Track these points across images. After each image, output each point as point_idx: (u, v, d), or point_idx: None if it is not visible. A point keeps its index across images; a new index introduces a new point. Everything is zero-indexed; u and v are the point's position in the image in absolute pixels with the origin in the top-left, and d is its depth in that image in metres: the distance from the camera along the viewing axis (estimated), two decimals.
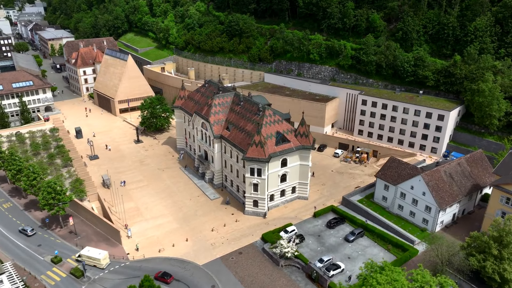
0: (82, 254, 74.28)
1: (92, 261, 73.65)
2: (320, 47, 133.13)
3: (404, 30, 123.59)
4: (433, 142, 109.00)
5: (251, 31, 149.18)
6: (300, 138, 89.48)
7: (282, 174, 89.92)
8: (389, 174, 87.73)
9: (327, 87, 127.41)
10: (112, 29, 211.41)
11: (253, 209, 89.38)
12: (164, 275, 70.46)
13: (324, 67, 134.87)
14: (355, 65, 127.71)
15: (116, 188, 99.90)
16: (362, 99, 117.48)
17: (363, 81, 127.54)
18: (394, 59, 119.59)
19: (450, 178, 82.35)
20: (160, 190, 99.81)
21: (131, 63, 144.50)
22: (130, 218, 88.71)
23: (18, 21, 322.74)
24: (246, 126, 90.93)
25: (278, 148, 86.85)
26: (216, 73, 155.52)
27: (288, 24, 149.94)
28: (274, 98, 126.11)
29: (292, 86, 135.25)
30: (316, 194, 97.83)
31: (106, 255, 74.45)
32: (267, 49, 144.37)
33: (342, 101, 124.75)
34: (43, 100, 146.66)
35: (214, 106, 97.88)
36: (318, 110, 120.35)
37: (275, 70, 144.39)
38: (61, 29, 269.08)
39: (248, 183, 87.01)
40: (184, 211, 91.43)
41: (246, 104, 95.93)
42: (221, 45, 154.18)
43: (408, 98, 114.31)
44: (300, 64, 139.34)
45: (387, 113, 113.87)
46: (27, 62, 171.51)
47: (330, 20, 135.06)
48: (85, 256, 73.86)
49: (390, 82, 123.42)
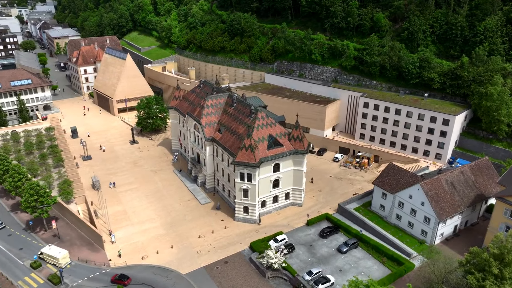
0: (43, 251, 72.92)
1: (52, 259, 72.06)
2: (322, 47, 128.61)
3: (410, 30, 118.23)
4: (437, 148, 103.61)
5: (252, 30, 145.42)
6: (294, 142, 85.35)
7: (275, 179, 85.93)
8: (387, 182, 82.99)
9: (328, 88, 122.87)
10: (117, 27, 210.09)
11: (244, 215, 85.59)
12: (121, 277, 68.75)
13: (326, 68, 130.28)
14: (358, 66, 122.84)
15: (105, 190, 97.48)
16: (364, 102, 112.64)
17: (366, 83, 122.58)
18: (398, 60, 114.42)
19: (452, 188, 77.24)
20: (150, 193, 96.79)
21: (129, 62, 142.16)
22: (116, 222, 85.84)
23: (28, 20, 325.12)
24: (238, 129, 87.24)
25: (270, 152, 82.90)
26: (217, 73, 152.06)
27: (291, 24, 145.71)
28: (273, 100, 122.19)
29: (293, 87, 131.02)
30: (311, 200, 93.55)
31: (66, 254, 72.87)
32: (269, 49, 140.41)
33: (343, 104, 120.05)
34: (42, 99, 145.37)
35: (206, 108, 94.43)
36: (318, 113, 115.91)
37: (276, 71, 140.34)
38: (69, 27, 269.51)
39: (238, 189, 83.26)
40: (173, 216, 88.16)
41: (239, 105, 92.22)
42: (222, 44, 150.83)
43: (412, 101, 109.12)
44: (302, 65, 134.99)
45: (389, 116, 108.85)
46: (29, 60, 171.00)
47: (333, 19, 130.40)
48: (45, 254, 72.61)
49: (394, 84, 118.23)
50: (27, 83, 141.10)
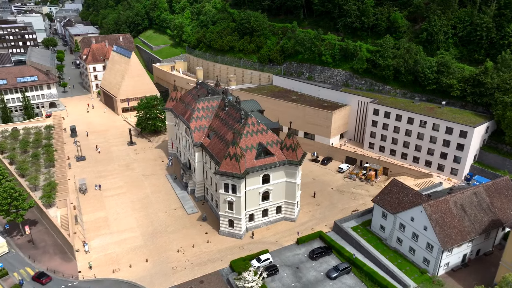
0: None
1: None
2: (333, 49, 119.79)
3: (429, 31, 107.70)
4: (453, 162, 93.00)
5: (262, 29, 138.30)
6: (287, 151, 77.71)
7: (264, 191, 78.60)
8: (388, 200, 73.97)
9: (337, 93, 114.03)
10: (133, 25, 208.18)
11: (228, 229, 78.77)
12: (40, 276, 67.53)
13: (337, 71, 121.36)
14: (370, 70, 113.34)
15: (91, 194, 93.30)
16: (373, 108, 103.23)
17: (379, 88, 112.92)
18: (414, 64, 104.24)
19: (462, 211, 67.40)
20: (137, 200, 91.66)
21: (134, 61, 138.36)
22: (95, 230, 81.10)
23: (55, 17, 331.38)
24: (227, 135, 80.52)
25: (258, 162, 75.65)
26: (225, 74, 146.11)
27: (304, 23, 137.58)
28: (277, 104, 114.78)
29: (301, 91, 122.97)
30: (306, 215, 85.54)
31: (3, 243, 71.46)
32: (278, 49, 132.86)
33: (353, 110, 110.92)
34: (48, 96, 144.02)
35: (197, 111, 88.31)
36: (324, 119, 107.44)
37: (285, 73, 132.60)
38: (91, 25, 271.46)
39: (223, 200, 76.56)
40: (155, 226, 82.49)
41: (230, 110, 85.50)
42: (231, 44, 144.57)
43: (427, 109, 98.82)
44: (312, 67, 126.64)
45: (401, 125, 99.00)
46: (41, 57, 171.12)
47: (347, 19, 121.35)
48: None
49: (410, 90, 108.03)
50: (33, 80, 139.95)
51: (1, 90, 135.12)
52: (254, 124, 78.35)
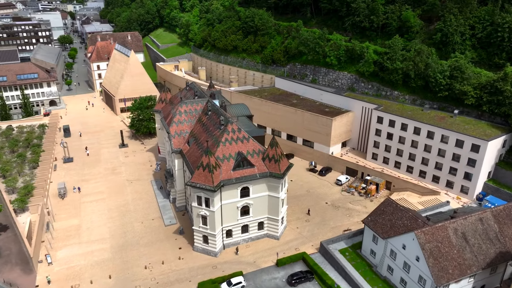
0: None
1: None
2: (339, 50, 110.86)
3: (444, 31, 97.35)
4: (463, 179, 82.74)
5: (267, 28, 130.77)
6: (269, 163, 70.11)
7: (243, 206, 71.32)
8: (380, 222, 65.20)
9: (341, 97, 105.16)
10: (143, 24, 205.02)
11: (203, 245, 71.94)
12: None
13: (342, 74, 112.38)
14: (378, 73, 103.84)
15: (70, 199, 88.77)
16: (377, 116, 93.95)
17: (386, 93, 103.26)
18: (425, 68, 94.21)
19: (463, 240, 57.94)
20: (115, 207, 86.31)
21: (133, 60, 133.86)
22: (65, 239, 76.15)
23: (76, 15, 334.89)
24: (205, 142, 73.65)
25: (236, 174, 68.44)
26: (228, 74, 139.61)
27: (311, 22, 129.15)
28: (276, 108, 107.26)
29: (303, 94, 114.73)
30: (292, 233, 77.61)
31: None
32: (281, 49, 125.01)
33: (357, 116, 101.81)
34: (48, 94, 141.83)
35: (178, 114, 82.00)
36: (323, 126, 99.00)
37: (288, 74, 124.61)
38: (108, 23, 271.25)
39: (196, 214, 69.84)
40: (128, 237, 76.70)
41: (213, 114, 78.64)
42: (235, 43, 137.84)
43: (438, 118, 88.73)
44: (316, 69, 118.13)
45: (406, 135, 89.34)
46: (48, 54, 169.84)
47: (355, 18, 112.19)
48: None
49: (420, 96, 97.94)
50: (33, 77, 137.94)
51: (1, 87, 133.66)
52: (234, 131, 71.17)
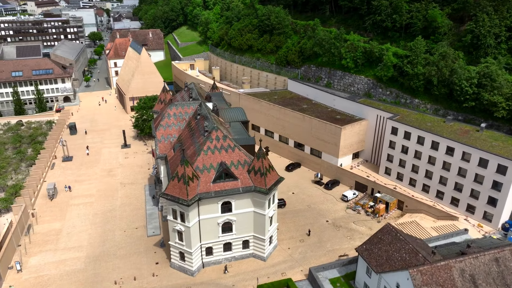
0: None
1: None
2: (356, 51, 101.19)
3: (475, 32, 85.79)
4: (487, 204, 71.37)
5: (283, 27, 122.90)
6: (254, 176, 62.71)
7: (225, 222, 64.37)
8: (375, 252, 56.11)
9: (354, 104, 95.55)
10: (168, 21, 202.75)
11: (180, 263, 65.67)
12: None
13: (359, 78, 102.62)
14: (397, 78, 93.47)
15: (58, 200, 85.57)
16: (391, 126, 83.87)
17: (406, 101, 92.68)
18: (450, 74, 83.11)
19: (471, 285, 47.92)
20: (101, 212, 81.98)
21: (144, 57, 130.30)
22: (42, 244, 72.47)
23: (111, 12, 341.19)
24: (189, 149, 67.44)
25: (216, 187, 61.60)
26: (241, 75, 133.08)
27: (330, 21, 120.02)
28: (283, 113, 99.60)
29: (315, 99, 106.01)
30: (282, 254, 69.70)
31: None
32: (296, 50, 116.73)
33: (371, 125, 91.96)
34: (62, 90, 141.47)
35: (167, 117, 76.23)
36: (332, 134, 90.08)
37: (302, 77, 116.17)
38: (138, 20, 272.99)
39: (171, 229, 63.70)
40: (106, 247, 71.83)
41: (201, 118, 72.13)
42: (250, 42, 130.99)
43: (461, 132, 77.60)
44: (331, 72, 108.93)
45: (423, 150, 78.76)
46: (69, 50, 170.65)
47: (376, 16, 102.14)
48: None
49: (443, 106, 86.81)
50: (47, 73, 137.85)
51: (16, 82, 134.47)
52: (218, 139, 64.30)
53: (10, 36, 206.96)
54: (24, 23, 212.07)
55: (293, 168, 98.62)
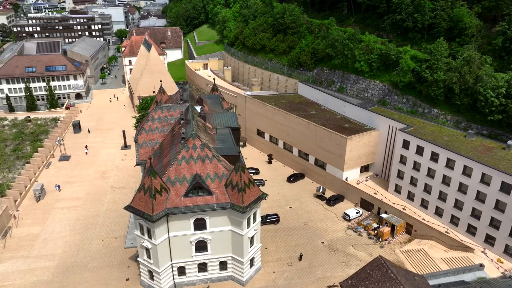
0: None
1: None
2: (371, 53, 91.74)
3: (508, 35, 74.62)
4: (509, 236, 60.73)
5: (297, 26, 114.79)
6: (232, 191, 55.86)
7: (198, 240, 57.91)
8: None
9: (365, 112, 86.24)
10: (189, 19, 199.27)
11: (149, 282, 59.86)
12: None
13: (373, 83, 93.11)
14: (414, 85, 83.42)
15: (44, 202, 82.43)
16: (403, 139, 74.29)
17: (424, 110, 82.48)
18: (474, 82, 72.49)
19: None
20: (83, 218, 77.82)
21: (154, 56, 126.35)
22: (15, 250, 68.99)
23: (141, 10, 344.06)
24: (166, 157, 61.52)
25: (187, 201, 55.24)
26: (253, 76, 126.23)
27: (348, 20, 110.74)
28: (288, 119, 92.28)
29: (325, 104, 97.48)
30: (265, 278, 62.37)
31: None
32: (309, 51, 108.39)
33: (382, 136, 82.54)
34: (74, 87, 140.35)
35: (150, 121, 70.69)
36: (337, 145, 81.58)
37: (314, 80, 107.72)
38: (165, 19, 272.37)
39: (139, 245, 58.01)
40: (79, 257, 67.32)
41: (184, 124, 65.99)
42: (263, 42, 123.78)
43: (483, 149, 67.10)
44: (345, 75, 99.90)
45: (437, 168, 68.80)
46: (87, 47, 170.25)
47: (395, 15, 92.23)
48: None
49: (466, 117, 76.12)
50: (60, 69, 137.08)
51: (29, 78, 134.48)
52: (195, 148, 57.91)
53: (37, 32, 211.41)
54: (50, 19, 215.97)
55: (296, 179, 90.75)
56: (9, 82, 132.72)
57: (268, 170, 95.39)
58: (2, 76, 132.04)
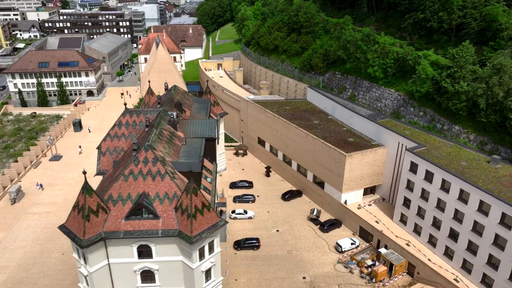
0: None
1: None
2: (386, 57, 79.34)
3: None
4: None
5: (312, 25, 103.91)
6: (181, 216, 47.13)
7: (143, 270, 49.66)
8: None
9: (373, 125, 74.26)
10: (214, 17, 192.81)
11: None
12: None
13: (388, 91, 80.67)
14: (433, 96, 70.40)
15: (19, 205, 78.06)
16: (410, 161, 62.03)
17: (443, 126, 69.37)
18: (505, 96, 58.90)
19: None
20: (52, 225, 71.72)
21: (161, 54, 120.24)
22: None
23: (177, 8, 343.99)
24: (118, 170, 53.85)
25: (128, 225, 47.11)
26: (263, 78, 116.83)
27: (369, 19, 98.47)
28: (287, 128, 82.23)
29: (332, 114, 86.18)
30: None
31: None
32: (321, 53, 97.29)
33: (391, 155, 70.41)
34: (85, 84, 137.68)
35: (117, 126, 63.74)
36: (335, 162, 70.53)
37: (325, 85, 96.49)
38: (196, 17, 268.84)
39: (78, 270, 50.73)
40: (31, 271, 61.61)
41: (148, 131, 58.10)
42: (276, 42, 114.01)
43: (509, 181, 53.71)
44: (358, 81, 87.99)
45: (448, 200, 56.17)
46: (107, 43, 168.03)
47: (417, 14, 79.24)
48: None
49: (493, 139, 62.51)
50: (72, 65, 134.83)
51: (42, 73, 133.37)
52: (146, 162, 49.74)
53: (67, 28, 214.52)
54: (81, 15, 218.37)
55: (291, 197, 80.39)
56: (22, 76, 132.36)
57: (264, 184, 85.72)
58: (16, 70, 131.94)
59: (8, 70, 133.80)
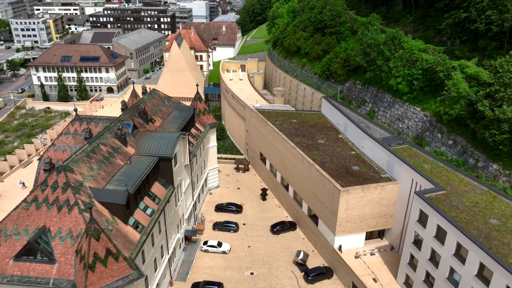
0: None
1: None
2: (413, 67, 62.63)
3: None
4: None
5: (337, 24, 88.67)
6: (79, 264, 36.35)
7: None
8: None
9: (386, 152, 58.33)
10: (253, 15, 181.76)
11: None
12: None
13: (412, 109, 63.90)
14: (466, 121, 53.10)
15: None
16: (419, 209, 46.01)
17: (476, 163, 51.98)
18: None
19: None
20: None
21: (175, 52, 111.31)
22: None
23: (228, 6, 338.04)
24: None
25: (15, 268, 37.42)
26: (281, 84, 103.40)
27: (404, 19, 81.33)
28: (285, 147, 68.81)
29: (344, 132, 70.96)
30: None
31: None
32: (342, 58, 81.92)
33: (403, 193, 54.35)
34: (105, 80, 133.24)
35: (64, 135, 54.71)
36: (329, 196, 56.04)
37: (343, 97, 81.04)
38: None
39: None
40: None
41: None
42: (299, 43, 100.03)
43: None
44: (379, 94, 71.75)
45: (463, 273, 39.73)
46: (138, 39, 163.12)
47: (459, 13, 61.62)
48: None
49: None
50: (93, 60, 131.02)
51: (63, 67, 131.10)
52: (55, 188, 39.72)
53: (110, 23, 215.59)
54: (124, 10, 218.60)
55: (282, 230, 66.76)
56: (45, 70, 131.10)
57: (256, 209, 72.91)
58: (39, 64, 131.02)
59: (32, 63, 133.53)
